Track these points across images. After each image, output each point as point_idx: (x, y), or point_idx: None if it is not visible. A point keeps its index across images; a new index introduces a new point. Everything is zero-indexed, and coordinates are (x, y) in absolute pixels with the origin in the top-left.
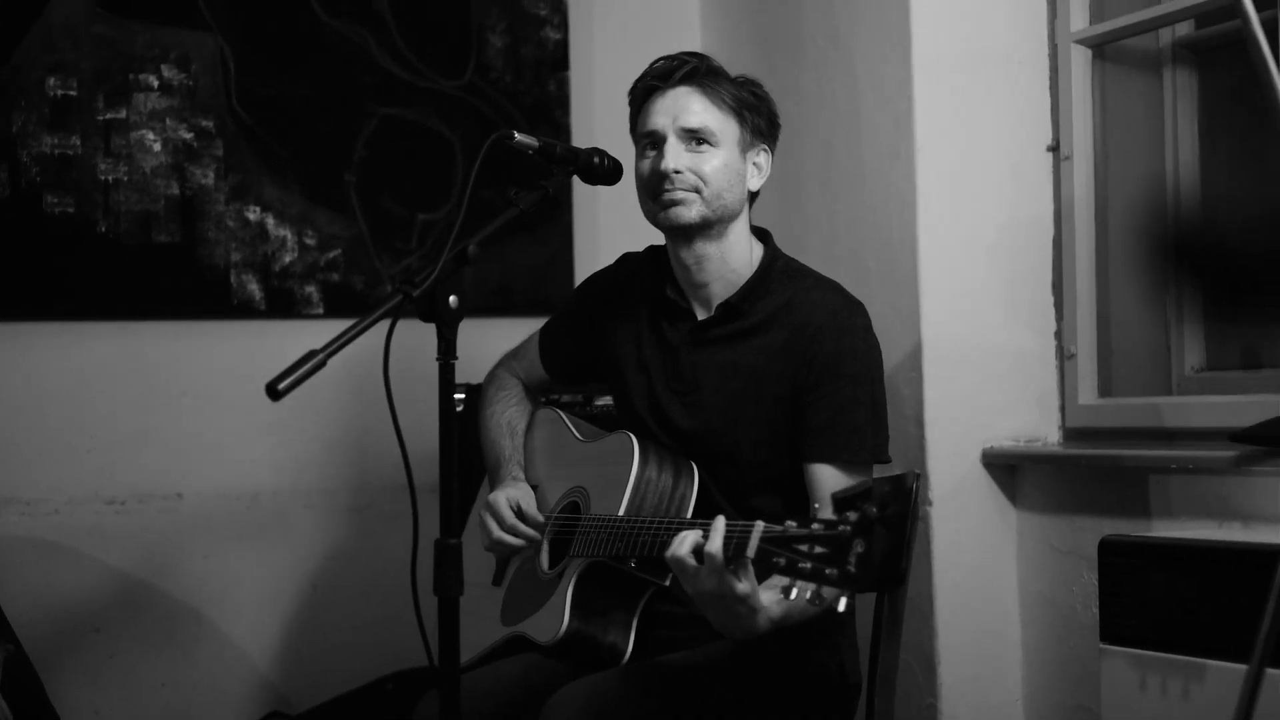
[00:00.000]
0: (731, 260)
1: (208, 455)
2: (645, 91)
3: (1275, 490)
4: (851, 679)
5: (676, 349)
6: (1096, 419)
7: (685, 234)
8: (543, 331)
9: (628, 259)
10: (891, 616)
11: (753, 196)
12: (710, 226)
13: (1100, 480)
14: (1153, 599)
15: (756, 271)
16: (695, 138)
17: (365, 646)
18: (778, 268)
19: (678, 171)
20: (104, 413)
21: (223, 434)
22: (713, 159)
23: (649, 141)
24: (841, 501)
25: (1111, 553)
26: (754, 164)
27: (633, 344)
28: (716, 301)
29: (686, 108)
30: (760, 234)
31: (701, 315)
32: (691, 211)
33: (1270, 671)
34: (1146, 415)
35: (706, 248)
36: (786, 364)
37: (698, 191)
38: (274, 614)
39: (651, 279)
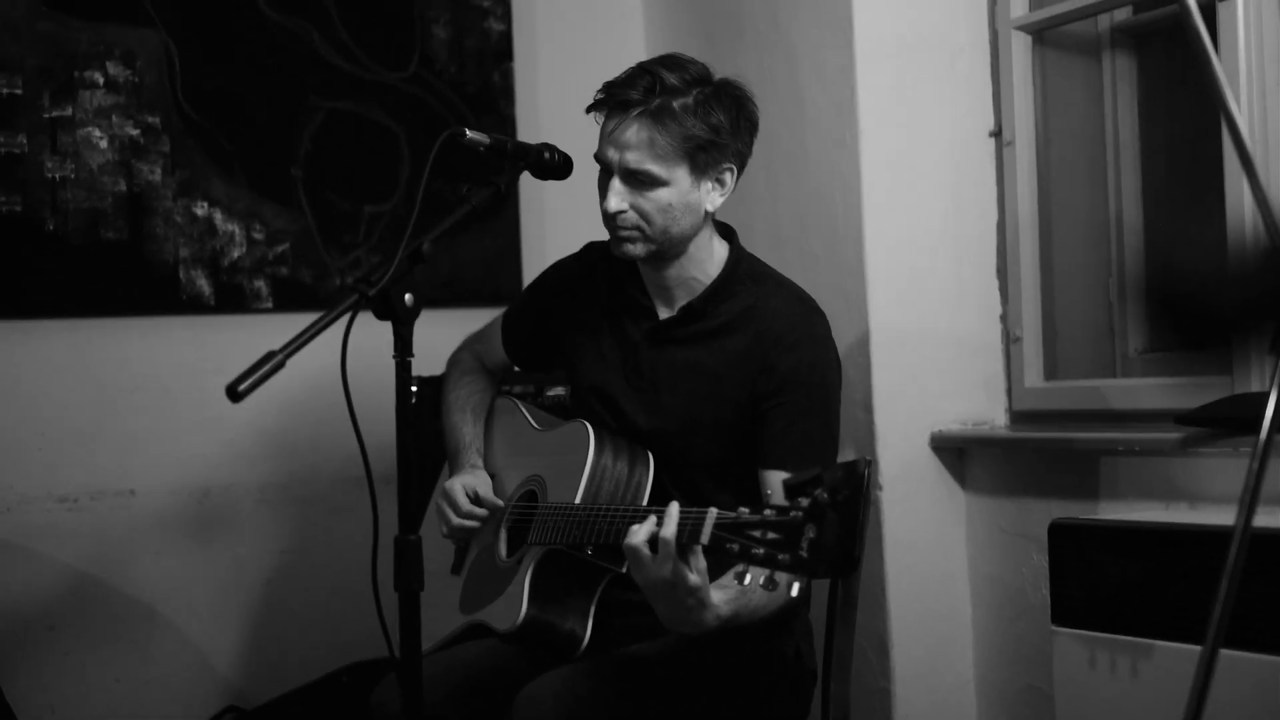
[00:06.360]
0: (691, 269)
1: (159, 451)
2: (601, 106)
3: (1220, 471)
4: (808, 664)
5: (636, 345)
6: (1043, 402)
7: (635, 263)
8: (505, 315)
9: (593, 247)
10: (846, 602)
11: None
12: (661, 257)
13: (1047, 463)
14: (1102, 581)
15: (720, 274)
16: (637, 179)
17: (320, 639)
18: (742, 270)
19: (621, 212)
20: (55, 410)
21: (174, 429)
22: (656, 198)
23: (601, 165)
24: (793, 488)
25: (1061, 535)
26: (716, 182)
27: (592, 335)
28: (679, 302)
29: (629, 147)
30: (725, 231)
31: (664, 314)
32: (637, 249)
33: (1224, 652)
34: (1092, 398)
35: (662, 266)
36: (746, 369)
37: (640, 230)
38: (228, 609)
39: (614, 272)
